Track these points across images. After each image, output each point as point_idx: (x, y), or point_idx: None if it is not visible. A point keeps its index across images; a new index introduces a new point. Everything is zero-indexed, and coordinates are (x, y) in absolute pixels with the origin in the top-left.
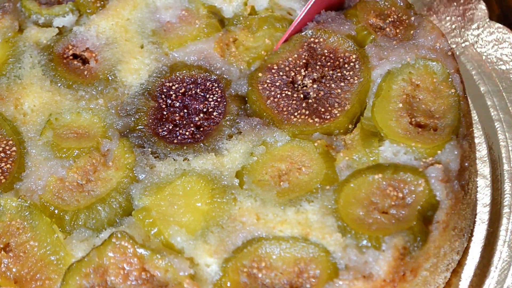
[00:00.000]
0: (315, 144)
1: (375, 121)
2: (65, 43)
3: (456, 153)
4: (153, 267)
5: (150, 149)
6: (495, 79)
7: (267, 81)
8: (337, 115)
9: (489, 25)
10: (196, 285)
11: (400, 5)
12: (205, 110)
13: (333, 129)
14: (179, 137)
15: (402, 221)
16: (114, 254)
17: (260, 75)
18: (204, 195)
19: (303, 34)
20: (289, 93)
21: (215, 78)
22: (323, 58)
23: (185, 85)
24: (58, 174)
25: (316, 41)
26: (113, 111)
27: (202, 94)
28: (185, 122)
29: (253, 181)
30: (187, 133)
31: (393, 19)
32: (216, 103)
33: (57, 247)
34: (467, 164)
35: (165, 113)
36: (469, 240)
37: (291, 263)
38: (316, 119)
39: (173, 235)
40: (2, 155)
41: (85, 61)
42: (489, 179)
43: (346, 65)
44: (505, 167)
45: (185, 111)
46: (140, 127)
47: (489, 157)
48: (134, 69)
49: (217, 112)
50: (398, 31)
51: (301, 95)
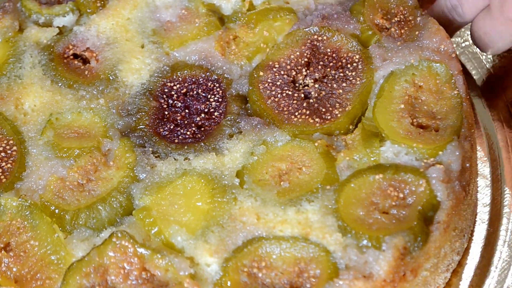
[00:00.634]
0: (316, 144)
1: (376, 121)
2: (66, 43)
3: (457, 154)
4: (154, 267)
5: (151, 149)
6: None
7: (268, 81)
8: (338, 115)
9: None
10: (196, 284)
11: (409, 4)
12: (206, 110)
13: (334, 130)
14: (180, 137)
15: (402, 221)
16: (114, 253)
17: (261, 73)
18: (204, 195)
19: (307, 30)
20: (289, 93)
21: (216, 78)
22: (326, 57)
23: (186, 85)
24: (58, 173)
25: (319, 38)
26: (114, 111)
27: (203, 94)
28: (186, 122)
29: (254, 180)
30: (188, 133)
31: (399, 19)
32: (217, 103)
33: (57, 246)
34: (468, 165)
35: (167, 113)
36: (469, 240)
37: (291, 262)
38: (316, 119)
39: (174, 234)
40: (2, 154)
41: (85, 61)
42: (489, 179)
43: (348, 65)
44: (505, 167)
45: (187, 111)
46: (141, 126)
47: (489, 157)
48: (135, 69)
49: (218, 112)
50: (403, 31)
51: (302, 95)
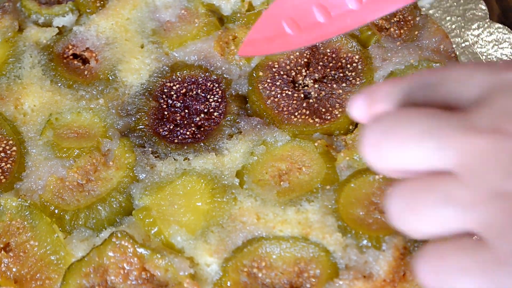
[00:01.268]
0: (316, 144)
1: None
2: (65, 43)
3: None
4: (153, 267)
5: (150, 149)
6: None
7: (268, 81)
8: (338, 115)
9: (489, 25)
10: (196, 284)
11: (408, 4)
12: (205, 110)
13: (334, 130)
14: (180, 137)
15: None
16: (114, 253)
17: (260, 74)
18: (204, 195)
19: None
20: (289, 93)
21: (216, 78)
22: (325, 58)
23: (186, 85)
24: (58, 173)
25: None
26: (114, 111)
27: (203, 94)
28: (186, 122)
29: (253, 180)
30: (188, 133)
31: (398, 19)
32: (216, 104)
33: (57, 246)
34: None
35: (166, 113)
36: None
37: (291, 262)
38: (316, 119)
39: (173, 234)
40: (2, 155)
41: (85, 61)
42: None
43: (348, 66)
44: None
45: (186, 111)
46: (140, 127)
47: None
48: (134, 69)
49: (217, 112)
50: (402, 31)
51: (302, 95)
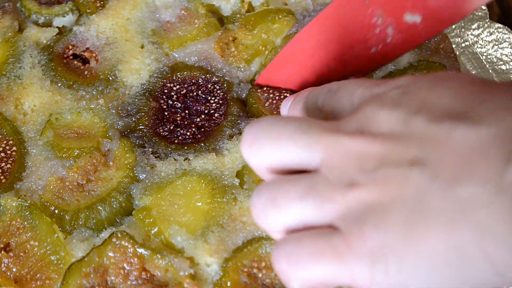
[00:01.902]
0: None
1: None
2: (65, 43)
3: None
4: (153, 267)
5: (150, 149)
6: (495, 79)
7: (266, 83)
8: None
9: (489, 25)
10: (196, 284)
11: None
12: (206, 111)
13: None
14: (180, 137)
15: None
16: (114, 253)
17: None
18: (204, 195)
19: None
20: (287, 95)
21: (217, 80)
22: None
23: (186, 86)
24: (58, 174)
25: None
26: (114, 111)
27: (203, 96)
28: (186, 122)
29: (254, 181)
30: (188, 134)
31: None
32: (217, 105)
33: (57, 246)
34: None
35: (166, 113)
36: None
37: None
38: None
39: (174, 234)
40: (2, 155)
41: (85, 61)
42: None
43: None
44: None
45: (186, 112)
46: (141, 127)
47: None
48: (134, 69)
49: (218, 113)
50: None
51: None
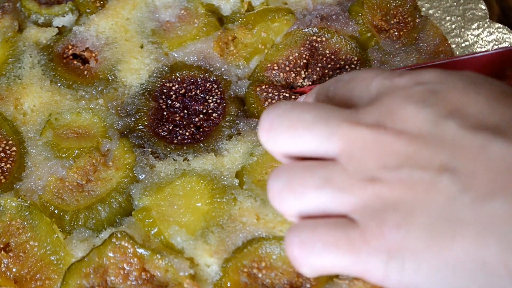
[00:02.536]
0: None
1: None
2: (65, 43)
3: None
4: (153, 267)
5: (150, 149)
6: None
7: (265, 83)
8: None
9: (489, 25)
10: (196, 285)
11: (408, 5)
12: (204, 111)
13: None
14: (179, 138)
15: None
16: (114, 254)
17: (259, 75)
18: (204, 195)
19: (306, 31)
20: (287, 95)
21: (215, 79)
22: (324, 59)
23: (185, 85)
24: (58, 174)
25: (318, 40)
26: (113, 111)
27: (202, 95)
28: (185, 122)
29: (253, 181)
30: (187, 134)
31: (398, 20)
32: (215, 105)
33: (57, 247)
34: None
35: (165, 113)
36: None
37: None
38: None
39: (173, 235)
40: (2, 155)
41: (85, 61)
42: None
43: (347, 67)
44: None
45: (185, 111)
46: (140, 127)
47: None
48: (134, 69)
49: (216, 113)
50: (401, 33)
51: (299, 96)
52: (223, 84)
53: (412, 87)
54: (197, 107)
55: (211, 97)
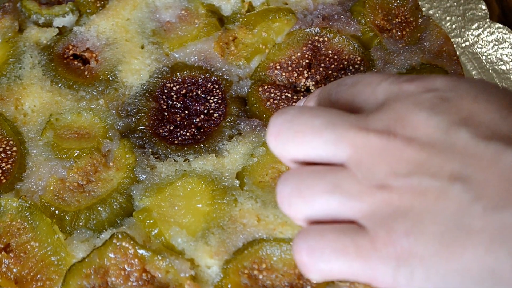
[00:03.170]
0: None
1: None
2: (65, 43)
3: None
4: (154, 268)
5: (150, 150)
6: (495, 79)
7: (267, 83)
8: None
9: (489, 25)
10: (197, 286)
11: (409, 5)
12: (205, 111)
13: None
14: (180, 138)
15: None
16: (114, 255)
17: (261, 75)
18: (204, 196)
19: (308, 31)
20: (289, 95)
21: (216, 79)
22: (327, 59)
23: (186, 86)
24: (58, 174)
25: (320, 39)
26: (114, 112)
27: (203, 95)
28: (185, 123)
29: (254, 182)
30: (188, 134)
31: (400, 20)
32: (216, 105)
33: (57, 247)
34: None
35: (166, 114)
36: None
37: (292, 264)
38: None
39: (174, 236)
40: (2, 155)
41: (85, 61)
42: None
43: (350, 67)
44: None
45: (186, 112)
46: (141, 127)
47: None
48: (135, 70)
49: (217, 113)
50: (404, 33)
51: (302, 97)
52: (224, 84)
53: (422, 94)
54: (198, 108)
55: (212, 97)
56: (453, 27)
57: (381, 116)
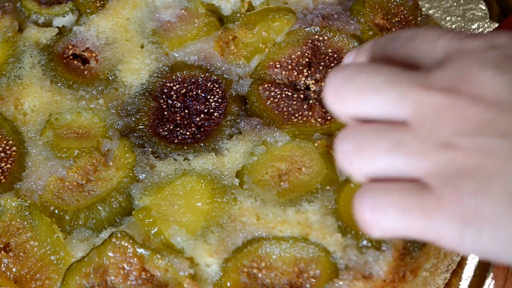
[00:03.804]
0: (316, 144)
1: None
2: (65, 43)
3: None
4: (153, 267)
5: (150, 149)
6: None
7: (267, 81)
8: None
9: (489, 25)
10: (196, 285)
11: (409, 4)
12: (206, 110)
13: (334, 130)
14: (180, 137)
15: None
16: (114, 254)
17: (261, 74)
18: (204, 195)
19: (308, 30)
20: (289, 94)
21: (216, 78)
22: (327, 58)
23: (186, 85)
24: (58, 174)
25: (320, 38)
26: (114, 111)
27: (203, 95)
28: (185, 122)
29: (253, 181)
30: (188, 133)
31: (399, 19)
32: (217, 104)
33: (57, 247)
34: None
35: (166, 113)
36: None
37: (291, 263)
38: (318, 120)
39: (173, 235)
40: (2, 155)
41: (85, 61)
42: None
43: None
44: None
45: (186, 111)
46: (140, 127)
47: None
48: (134, 69)
49: (217, 112)
50: None
51: (302, 96)
52: (224, 83)
53: (485, 51)
54: (198, 107)
55: (212, 97)
56: (453, 27)
57: (444, 73)
